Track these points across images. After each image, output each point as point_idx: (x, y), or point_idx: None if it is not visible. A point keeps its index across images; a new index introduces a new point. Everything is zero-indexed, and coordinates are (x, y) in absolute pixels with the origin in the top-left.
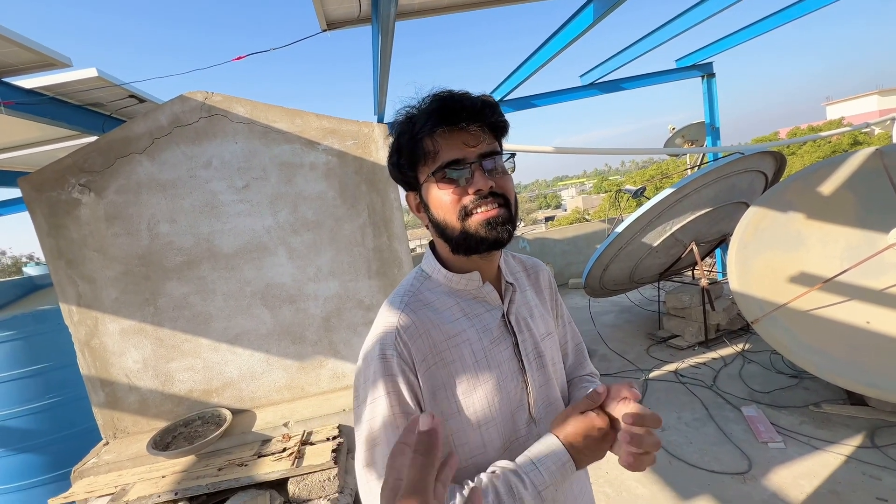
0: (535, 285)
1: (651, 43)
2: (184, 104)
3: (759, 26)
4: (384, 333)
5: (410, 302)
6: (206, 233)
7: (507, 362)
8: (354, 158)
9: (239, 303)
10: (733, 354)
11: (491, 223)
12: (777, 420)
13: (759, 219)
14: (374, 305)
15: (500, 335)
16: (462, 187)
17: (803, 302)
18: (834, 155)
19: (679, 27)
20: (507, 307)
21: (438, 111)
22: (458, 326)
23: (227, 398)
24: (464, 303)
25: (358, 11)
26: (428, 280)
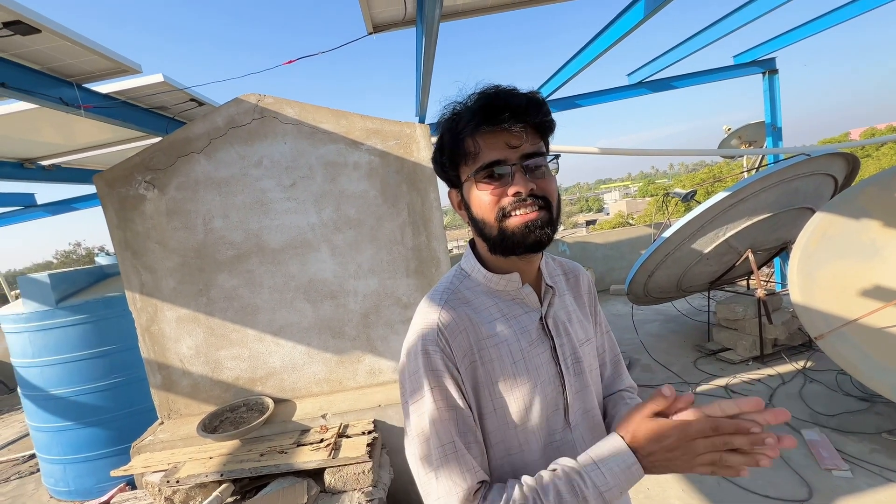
0: (575, 290)
1: (706, 38)
2: (238, 106)
3: (827, 19)
4: (426, 329)
5: (450, 299)
6: (256, 229)
7: (545, 366)
8: (396, 158)
9: (283, 296)
10: (793, 372)
11: (529, 226)
12: (843, 447)
13: (826, 226)
14: (412, 304)
15: (538, 338)
16: (502, 188)
17: (878, 318)
18: None
19: (738, 21)
20: (546, 310)
21: (482, 110)
22: (496, 327)
23: (269, 387)
24: (502, 303)
25: (403, 14)
26: (467, 279)
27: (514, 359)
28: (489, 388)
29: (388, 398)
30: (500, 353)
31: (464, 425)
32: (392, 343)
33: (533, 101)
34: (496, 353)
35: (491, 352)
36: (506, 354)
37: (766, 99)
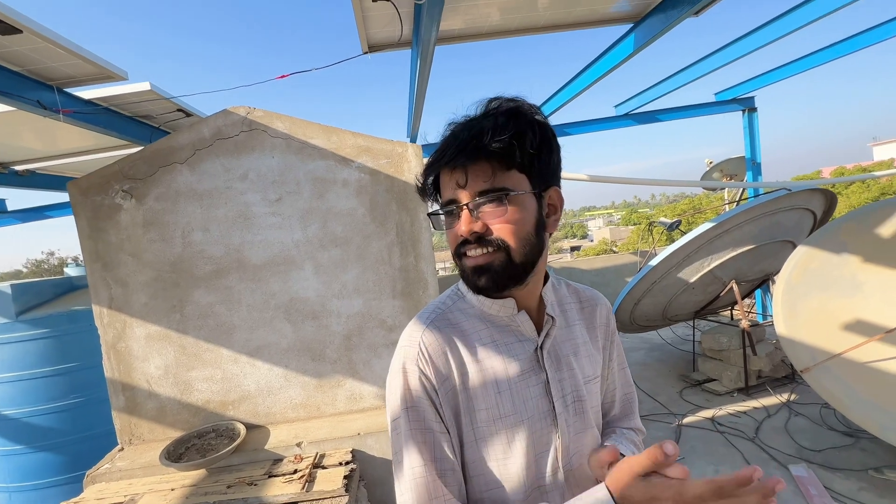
0: (589, 320)
1: (690, 75)
2: (227, 118)
3: (802, 63)
4: (408, 347)
5: (436, 320)
6: (237, 243)
7: (535, 400)
8: (386, 177)
9: (262, 315)
10: (778, 405)
11: (476, 271)
12: (831, 484)
13: (808, 259)
14: (397, 326)
15: (530, 370)
16: (456, 226)
17: (861, 353)
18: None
19: (719, 61)
20: (543, 340)
21: (441, 147)
22: (484, 353)
23: (242, 412)
24: (495, 329)
25: (399, 35)
26: (461, 300)
27: (498, 388)
28: (470, 415)
29: (368, 426)
30: (484, 381)
31: (438, 450)
32: (375, 367)
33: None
34: (479, 380)
35: (474, 378)
36: (490, 383)
37: (746, 135)
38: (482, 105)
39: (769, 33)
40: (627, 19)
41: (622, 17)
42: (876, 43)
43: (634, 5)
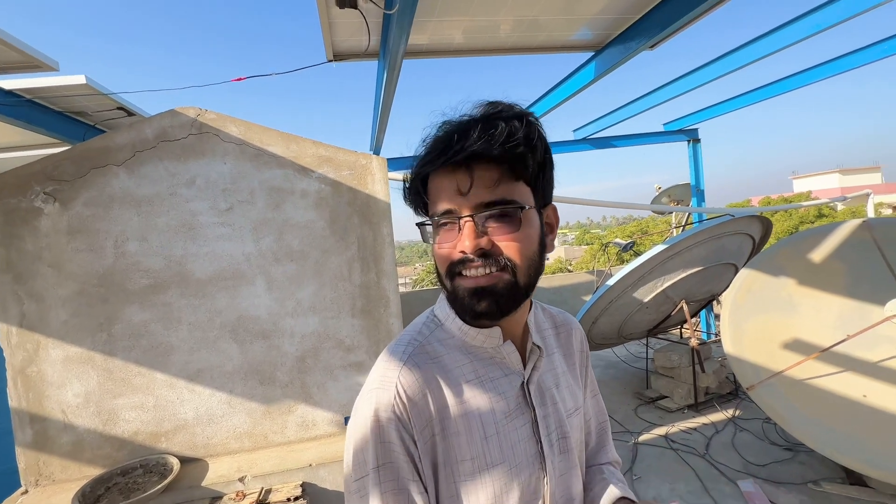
0: (566, 347)
1: (643, 105)
2: (174, 119)
3: (739, 101)
4: (383, 390)
5: (416, 353)
6: (179, 255)
7: (523, 443)
8: (349, 189)
9: (206, 334)
10: (724, 420)
11: (477, 293)
12: (776, 498)
13: (751, 281)
14: (355, 347)
15: (517, 408)
16: (452, 241)
17: (799, 370)
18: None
19: (667, 94)
20: (529, 374)
21: (434, 144)
22: (468, 392)
23: (177, 444)
24: (478, 362)
25: (367, 45)
26: (440, 328)
27: (485, 433)
28: (451, 467)
29: (320, 456)
30: (469, 426)
31: None
32: (330, 391)
33: (496, 136)
34: (464, 426)
35: (458, 423)
36: (476, 428)
37: (691, 163)
38: (480, 106)
39: (711, 72)
40: (589, 47)
41: (584, 46)
42: (801, 87)
43: (595, 35)
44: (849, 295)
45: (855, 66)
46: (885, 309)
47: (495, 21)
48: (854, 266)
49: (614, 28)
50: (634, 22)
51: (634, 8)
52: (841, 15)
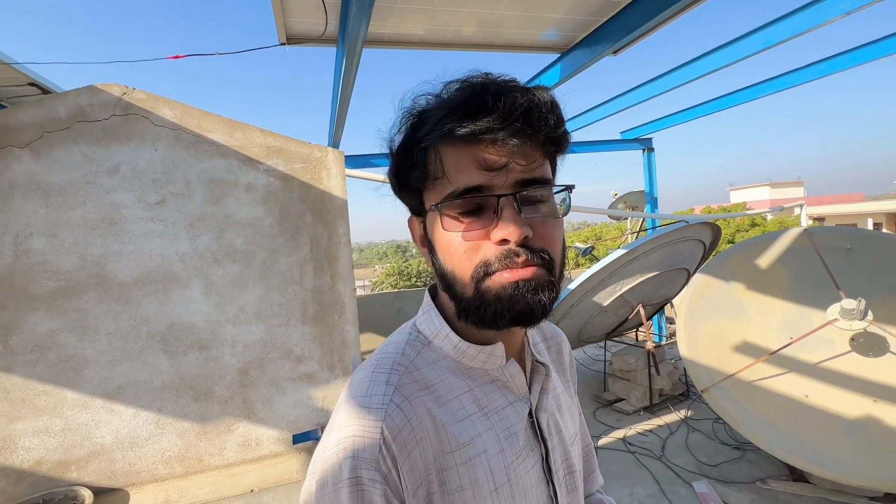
0: (558, 363)
1: (602, 113)
2: (93, 96)
3: (692, 112)
4: (360, 440)
5: (402, 385)
6: (98, 254)
7: (535, 488)
8: (301, 184)
9: (129, 345)
10: (678, 422)
11: (521, 287)
12: (727, 497)
13: (704, 287)
14: (306, 357)
15: (527, 445)
16: (483, 230)
17: (748, 372)
18: (737, 232)
19: (623, 104)
20: (539, 400)
21: (460, 107)
22: (471, 429)
23: (91, 472)
24: (478, 389)
25: (323, 29)
26: (427, 348)
27: (496, 483)
28: None
29: (264, 479)
30: (476, 476)
31: None
32: (277, 406)
33: (539, 102)
34: (469, 477)
35: (461, 474)
36: (484, 477)
37: (646, 172)
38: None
39: (666, 83)
40: (555, 49)
41: (550, 47)
42: (746, 102)
43: (562, 36)
44: (792, 299)
45: (795, 84)
46: (826, 313)
47: (457, 16)
48: (796, 272)
49: (580, 30)
50: (600, 25)
51: (600, 11)
52: (788, 32)
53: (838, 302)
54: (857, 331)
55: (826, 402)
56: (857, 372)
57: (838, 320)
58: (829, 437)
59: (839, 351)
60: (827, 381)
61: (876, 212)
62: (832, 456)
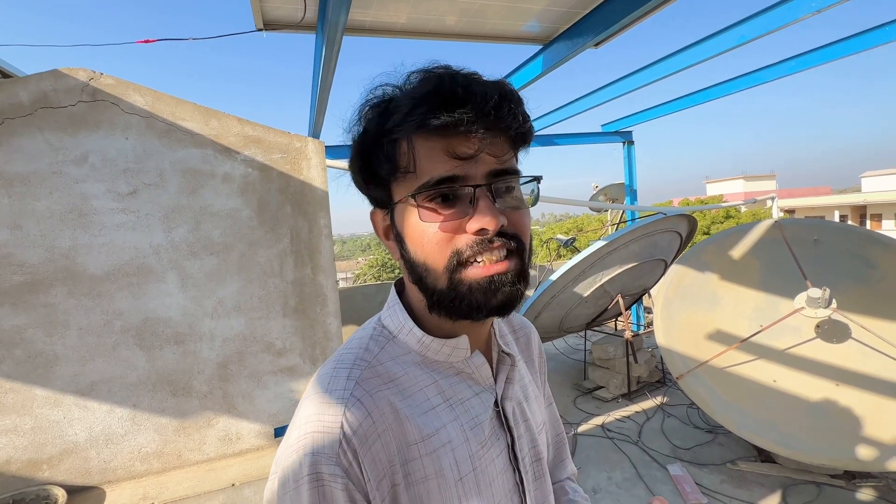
0: (527, 353)
1: (583, 105)
2: (58, 81)
3: (670, 106)
4: (319, 435)
5: (364, 379)
6: (67, 247)
7: (500, 477)
8: (280, 174)
9: (102, 340)
10: (654, 408)
11: (496, 282)
12: (700, 479)
13: (680, 277)
14: (288, 350)
15: (492, 434)
16: (457, 220)
17: (721, 359)
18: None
19: (604, 97)
20: (504, 390)
21: (428, 98)
22: (436, 420)
23: (64, 471)
24: (442, 381)
25: (302, 15)
26: (391, 343)
27: (460, 473)
28: None
29: (246, 473)
30: (441, 467)
31: None
32: (258, 400)
33: (507, 94)
34: (433, 467)
35: (425, 465)
36: (448, 467)
37: (626, 164)
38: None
39: (646, 76)
40: (537, 40)
41: (532, 38)
42: (722, 97)
43: (544, 28)
44: (762, 289)
45: (768, 80)
46: (794, 302)
47: (440, 5)
48: (767, 262)
49: (562, 22)
50: (582, 17)
51: (582, 3)
52: (763, 29)
53: (805, 291)
54: (822, 318)
55: (792, 387)
56: (821, 357)
57: (805, 308)
58: (794, 420)
59: (805, 338)
60: (794, 367)
61: (842, 204)
62: (797, 437)
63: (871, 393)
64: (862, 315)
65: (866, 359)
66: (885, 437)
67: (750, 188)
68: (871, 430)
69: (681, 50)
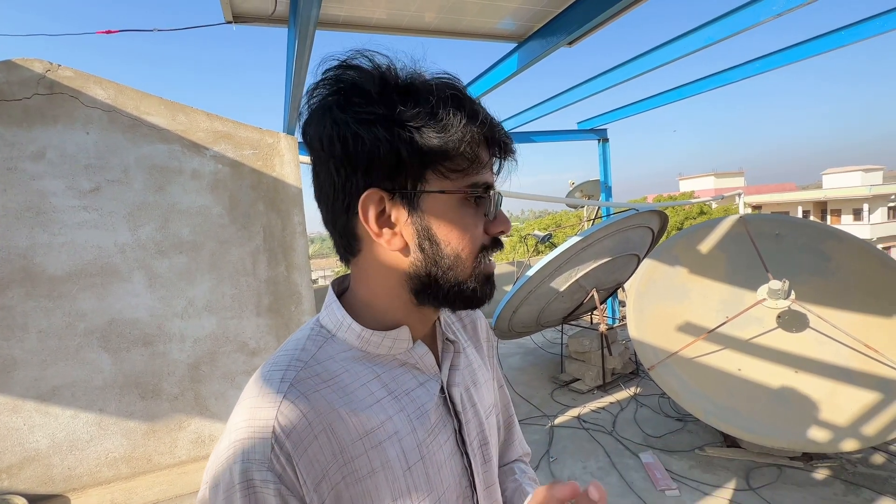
0: (474, 338)
1: (559, 103)
2: (11, 72)
3: (644, 104)
4: (250, 441)
5: (299, 380)
6: (23, 247)
7: (448, 463)
8: (252, 171)
9: (64, 343)
10: (627, 398)
11: (490, 279)
12: (670, 465)
13: (652, 271)
14: (262, 349)
15: (439, 421)
16: (482, 221)
17: (689, 350)
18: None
19: (579, 94)
20: (449, 376)
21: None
22: (381, 413)
23: (25, 479)
24: (385, 373)
25: (273, 8)
26: (330, 341)
27: (408, 463)
28: None
29: None
30: (387, 458)
31: None
32: (231, 401)
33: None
34: (379, 460)
35: (371, 459)
36: (395, 458)
37: (601, 162)
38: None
39: (620, 74)
40: (512, 38)
41: (507, 35)
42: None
43: (518, 25)
44: (728, 282)
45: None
46: (756, 293)
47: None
48: (732, 256)
49: (537, 20)
50: (556, 15)
51: (555, 1)
52: (728, 31)
53: (767, 283)
54: (783, 309)
55: (755, 375)
56: (781, 346)
57: (766, 300)
58: (757, 406)
59: (767, 328)
60: (756, 356)
61: (805, 200)
62: (760, 423)
63: (826, 379)
64: (818, 305)
65: (822, 346)
66: (839, 421)
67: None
68: (827, 414)
69: (651, 50)
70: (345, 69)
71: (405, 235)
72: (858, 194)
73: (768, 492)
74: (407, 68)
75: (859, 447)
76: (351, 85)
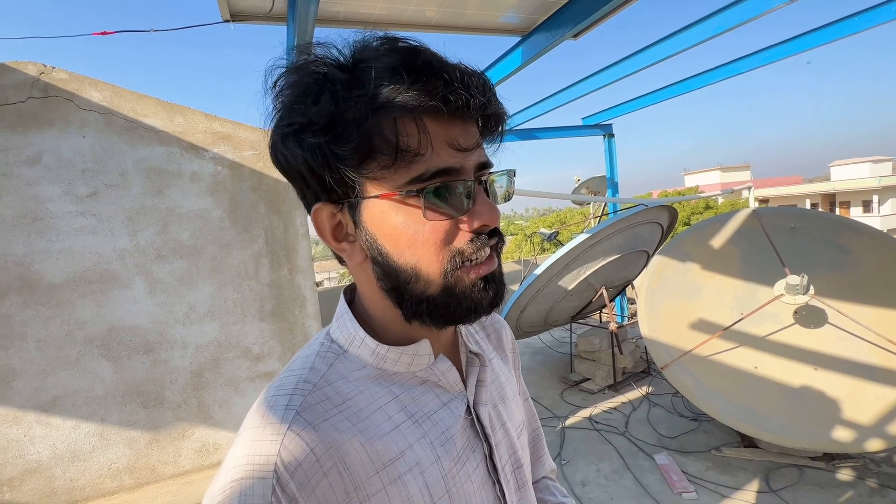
0: (499, 349)
1: (563, 98)
2: (4, 76)
3: (648, 98)
4: (248, 482)
5: (307, 407)
6: (20, 254)
7: (479, 492)
8: (252, 172)
9: (64, 352)
10: (640, 398)
11: (489, 282)
12: (686, 467)
13: (662, 267)
14: (266, 354)
15: (467, 447)
16: (454, 217)
17: (704, 348)
18: (693, 214)
19: (584, 89)
20: (476, 394)
21: (419, 72)
22: (400, 441)
23: (27, 492)
24: (404, 393)
25: (270, 5)
26: (342, 358)
27: (433, 498)
28: None
29: None
30: (408, 495)
31: None
32: (235, 409)
33: (489, 82)
34: (400, 497)
35: (390, 496)
36: (418, 492)
37: (607, 157)
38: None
39: (624, 68)
40: (516, 32)
41: (511, 29)
42: (697, 88)
43: (522, 19)
44: (742, 277)
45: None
46: (773, 289)
47: None
48: (746, 251)
49: (540, 13)
50: (561, 7)
51: None
52: (737, 19)
53: (784, 278)
54: (801, 305)
55: (773, 373)
56: (800, 343)
57: (784, 295)
58: (775, 405)
59: (784, 324)
60: (773, 353)
61: (813, 193)
62: (778, 422)
63: (847, 376)
64: (838, 300)
65: (843, 343)
66: (862, 419)
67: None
68: (849, 413)
69: (658, 42)
70: (285, 75)
71: (364, 248)
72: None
73: (790, 493)
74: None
75: (885, 447)
76: (276, 97)
